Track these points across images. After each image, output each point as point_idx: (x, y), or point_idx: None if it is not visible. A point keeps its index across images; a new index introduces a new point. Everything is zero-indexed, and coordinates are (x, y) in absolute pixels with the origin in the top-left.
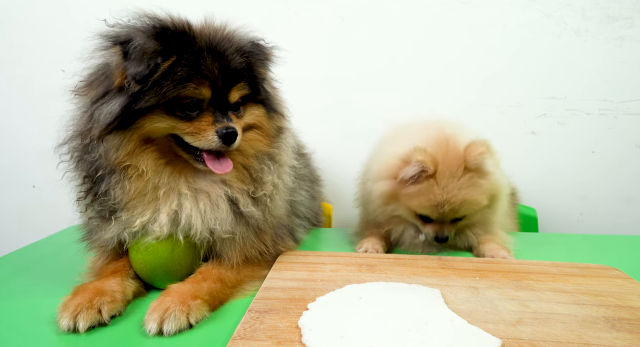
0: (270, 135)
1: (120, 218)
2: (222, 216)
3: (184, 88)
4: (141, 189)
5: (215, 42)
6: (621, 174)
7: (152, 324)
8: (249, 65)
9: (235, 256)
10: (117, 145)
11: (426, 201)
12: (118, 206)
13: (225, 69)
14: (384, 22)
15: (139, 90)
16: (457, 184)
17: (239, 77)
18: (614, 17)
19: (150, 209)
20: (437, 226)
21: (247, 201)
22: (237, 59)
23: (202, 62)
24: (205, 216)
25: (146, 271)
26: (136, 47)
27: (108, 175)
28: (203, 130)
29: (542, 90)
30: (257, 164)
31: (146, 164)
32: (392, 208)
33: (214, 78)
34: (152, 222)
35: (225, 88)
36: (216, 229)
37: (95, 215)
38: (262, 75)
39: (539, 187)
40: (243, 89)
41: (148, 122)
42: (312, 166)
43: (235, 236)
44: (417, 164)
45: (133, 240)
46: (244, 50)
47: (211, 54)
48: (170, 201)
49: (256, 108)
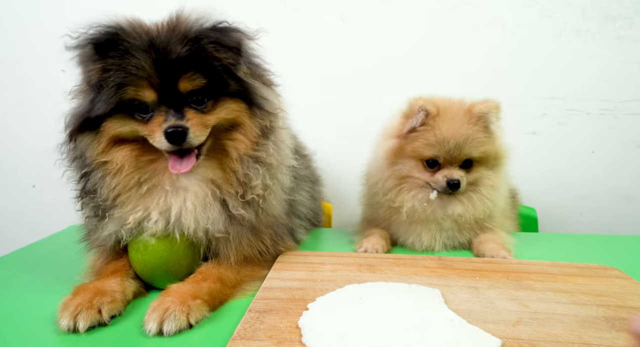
0: (253, 135)
1: (114, 216)
2: (214, 215)
3: (123, 92)
4: (124, 184)
5: (152, 37)
6: (621, 174)
7: (152, 324)
8: (197, 52)
9: (233, 254)
10: (88, 144)
11: (432, 137)
12: (108, 203)
13: (163, 62)
14: (384, 22)
15: (94, 96)
16: (461, 121)
17: (185, 67)
18: (614, 17)
19: (140, 206)
20: (446, 171)
21: (236, 203)
22: (178, 48)
23: (134, 63)
24: (196, 215)
25: (146, 271)
26: (78, 54)
27: (92, 172)
28: (153, 131)
29: (542, 90)
30: (242, 168)
31: (123, 159)
32: (399, 167)
33: (149, 76)
34: (145, 219)
35: (172, 82)
36: (209, 229)
37: (91, 214)
38: (222, 61)
39: (539, 187)
40: (195, 79)
41: (112, 125)
42: (313, 167)
43: (230, 236)
44: (420, 108)
45: (130, 237)
46: (189, 36)
47: (145, 51)
48: (157, 197)
49: (233, 102)
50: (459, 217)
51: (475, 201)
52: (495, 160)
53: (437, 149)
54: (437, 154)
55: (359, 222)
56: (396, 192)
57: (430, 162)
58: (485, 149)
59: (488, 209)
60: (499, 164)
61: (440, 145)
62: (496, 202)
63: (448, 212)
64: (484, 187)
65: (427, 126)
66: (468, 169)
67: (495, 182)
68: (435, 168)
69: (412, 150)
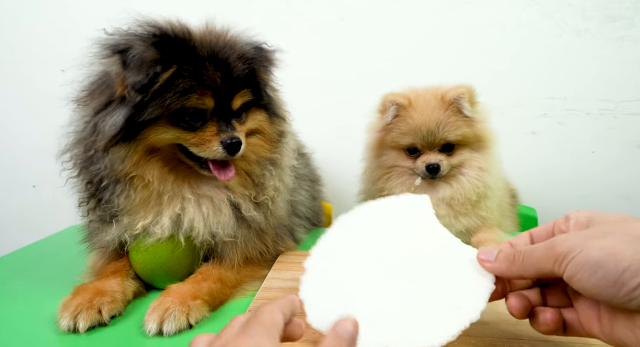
0: (272, 140)
1: (122, 221)
2: (224, 219)
3: (187, 99)
4: (147, 197)
5: (217, 50)
6: (621, 174)
7: (152, 324)
8: (251, 71)
9: (237, 257)
10: (122, 156)
11: (405, 126)
12: (120, 212)
13: (228, 77)
14: (384, 22)
15: (141, 101)
16: (433, 108)
17: (241, 84)
18: (614, 17)
19: (152, 213)
20: (425, 156)
21: (249, 205)
22: (240, 66)
23: (204, 72)
24: (207, 220)
25: (146, 271)
26: (134, 55)
27: (113, 184)
28: (207, 140)
29: (542, 90)
30: (259, 169)
31: (152, 174)
32: (384, 158)
33: (216, 87)
34: (153, 224)
35: (228, 96)
36: (218, 233)
37: (96, 219)
38: (265, 81)
39: (539, 187)
40: (246, 96)
41: (153, 133)
42: (312, 166)
43: (237, 240)
44: (391, 103)
45: (134, 242)
46: (247, 56)
47: (213, 63)
48: (174, 205)
49: (258, 113)
50: (451, 200)
51: (464, 182)
52: (479, 143)
53: (412, 136)
54: (413, 142)
55: None
56: (385, 180)
57: (411, 150)
58: (462, 132)
59: (478, 188)
60: (484, 146)
61: (414, 132)
62: (488, 184)
63: (439, 195)
64: (471, 169)
65: (400, 117)
66: (449, 152)
67: (482, 164)
68: (416, 155)
69: (391, 140)
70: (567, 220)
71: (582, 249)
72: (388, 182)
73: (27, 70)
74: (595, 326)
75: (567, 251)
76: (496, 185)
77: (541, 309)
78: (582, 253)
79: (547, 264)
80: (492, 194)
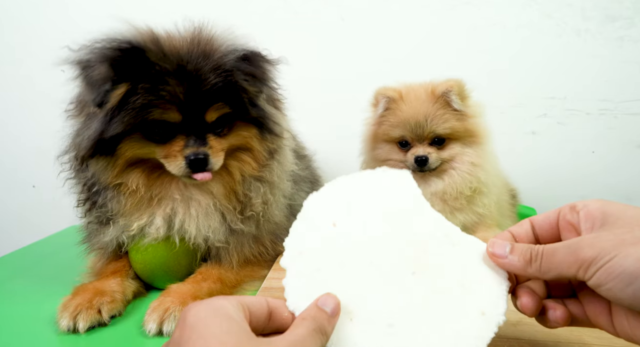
0: (260, 158)
1: (118, 223)
2: (214, 225)
3: (148, 113)
4: (137, 202)
5: (186, 61)
6: (621, 174)
7: (151, 324)
8: (230, 84)
9: (234, 260)
10: (102, 168)
11: (395, 119)
12: (115, 215)
13: (196, 91)
14: (384, 22)
15: (106, 116)
16: (422, 101)
17: (215, 97)
18: (614, 17)
19: (146, 214)
20: (414, 149)
21: (235, 218)
22: (213, 78)
23: (164, 88)
24: (198, 223)
25: (146, 271)
26: (88, 74)
27: (103, 190)
28: (173, 156)
29: (542, 90)
30: (244, 187)
31: (138, 182)
32: (378, 151)
33: (180, 102)
34: (148, 225)
35: (200, 109)
36: (209, 237)
37: (94, 220)
38: (251, 93)
39: (539, 187)
40: (222, 108)
41: (128, 148)
42: (313, 167)
43: (230, 246)
44: (382, 96)
45: (132, 242)
46: (224, 67)
47: (177, 76)
48: (165, 205)
49: (246, 129)
50: (444, 194)
51: (455, 176)
52: (470, 138)
53: (401, 129)
54: (403, 134)
55: None
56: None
57: (402, 143)
58: (450, 125)
59: (471, 183)
60: (476, 142)
61: (403, 125)
62: (481, 180)
63: (431, 189)
64: (462, 163)
65: (391, 110)
66: (440, 146)
67: (474, 159)
68: (407, 148)
69: (383, 133)
70: (574, 210)
71: (614, 256)
72: None
73: (27, 70)
74: (604, 319)
75: (594, 257)
76: (491, 181)
77: (551, 306)
78: (614, 261)
79: (570, 268)
80: (487, 190)
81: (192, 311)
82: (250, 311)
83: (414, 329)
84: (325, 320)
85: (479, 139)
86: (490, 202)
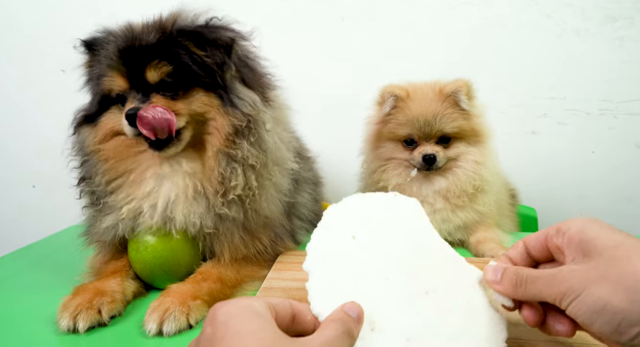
0: (225, 132)
1: (108, 203)
2: (200, 210)
3: (101, 84)
4: (113, 171)
5: (136, 31)
6: (621, 174)
7: (151, 324)
8: (167, 41)
9: (227, 252)
10: (86, 136)
11: (402, 117)
12: (101, 189)
13: (130, 50)
14: (384, 22)
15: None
16: (431, 100)
17: (152, 54)
18: (614, 17)
19: (131, 196)
20: (421, 147)
21: (217, 202)
22: (146, 37)
23: (103, 52)
24: (182, 208)
25: (146, 271)
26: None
27: (89, 160)
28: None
29: (542, 90)
30: (219, 166)
31: (112, 148)
32: (381, 150)
33: (117, 63)
34: (139, 212)
35: (140, 70)
36: (196, 224)
37: (89, 202)
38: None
39: (539, 187)
40: (162, 66)
41: (106, 120)
42: (316, 169)
43: (219, 232)
44: (389, 94)
45: (128, 234)
46: (165, 27)
47: (115, 43)
48: (144, 187)
49: (205, 96)
50: (447, 192)
51: (460, 175)
52: (475, 137)
53: (409, 127)
54: (410, 132)
55: None
56: (381, 171)
57: (408, 142)
58: (458, 124)
59: (474, 181)
60: (480, 141)
61: (411, 123)
62: (484, 177)
63: (435, 187)
64: (467, 162)
65: (398, 108)
66: (446, 144)
67: (478, 158)
68: (413, 146)
69: (389, 132)
70: (560, 233)
71: (580, 293)
72: (384, 174)
73: (27, 70)
74: None
75: (566, 292)
76: (493, 179)
77: (553, 319)
78: (580, 298)
79: (550, 297)
80: (489, 189)
81: (222, 309)
82: (276, 311)
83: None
84: (353, 324)
85: (483, 138)
86: (491, 201)
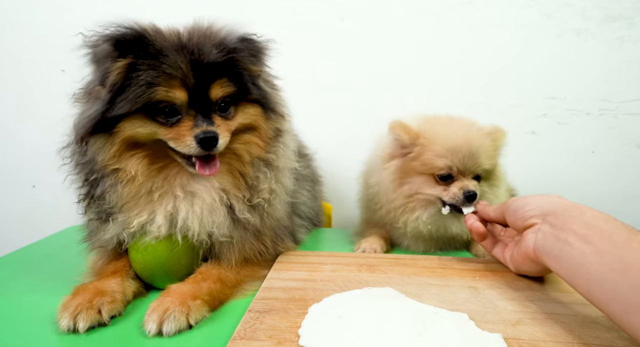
0: (267, 137)
1: (118, 220)
2: (219, 219)
3: (153, 92)
4: (134, 193)
5: (185, 40)
6: (621, 174)
7: (151, 324)
8: (231, 60)
9: (234, 257)
10: (100, 147)
11: (443, 147)
12: (114, 209)
13: (198, 64)
14: (384, 22)
15: (112, 96)
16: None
17: (218, 72)
18: (614, 17)
19: (146, 211)
20: (460, 183)
21: (243, 207)
22: (214, 53)
23: (166, 61)
24: (202, 219)
25: (146, 271)
26: (94, 52)
27: (102, 179)
28: (182, 135)
29: (542, 90)
30: (253, 171)
31: (136, 168)
32: (407, 186)
33: (183, 75)
34: (149, 223)
35: (203, 86)
36: (214, 233)
37: (94, 217)
38: (254, 73)
39: (539, 187)
40: (227, 86)
41: (129, 126)
42: (314, 166)
43: (234, 240)
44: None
45: (132, 240)
46: (225, 44)
47: (178, 51)
48: (166, 203)
49: (251, 107)
50: (457, 236)
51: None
52: (495, 180)
53: (450, 158)
54: (450, 165)
55: (359, 224)
56: (400, 212)
57: (443, 177)
58: (494, 162)
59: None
60: (497, 185)
61: (453, 153)
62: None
63: (448, 232)
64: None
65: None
66: (479, 178)
67: (494, 201)
68: (449, 181)
69: (422, 164)
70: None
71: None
72: (403, 216)
73: (27, 70)
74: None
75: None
76: None
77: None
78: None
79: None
80: None
81: None
82: None
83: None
84: None
85: (500, 182)
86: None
